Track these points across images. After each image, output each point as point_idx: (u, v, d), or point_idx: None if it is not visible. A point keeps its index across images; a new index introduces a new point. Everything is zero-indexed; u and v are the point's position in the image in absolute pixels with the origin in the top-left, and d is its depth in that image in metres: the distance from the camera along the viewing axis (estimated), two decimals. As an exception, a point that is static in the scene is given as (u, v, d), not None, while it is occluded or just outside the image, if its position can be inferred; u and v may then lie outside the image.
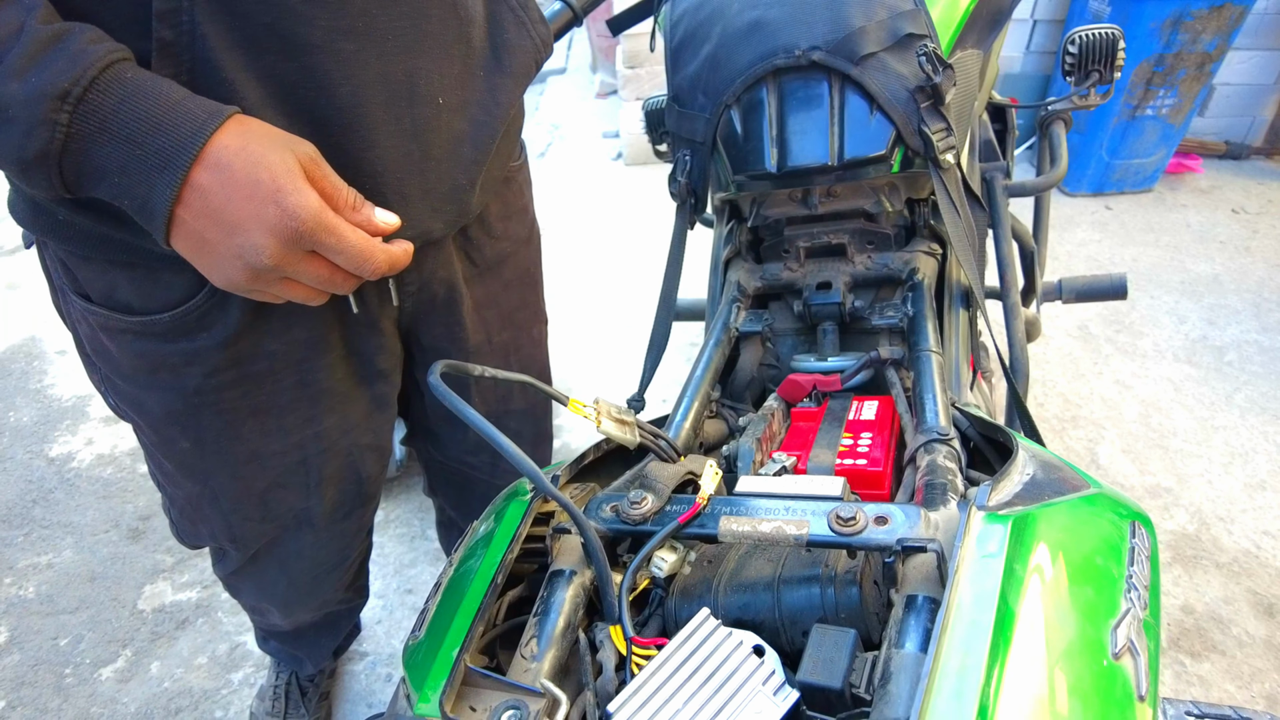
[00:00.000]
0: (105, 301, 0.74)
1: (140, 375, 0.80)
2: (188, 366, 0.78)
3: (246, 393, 0.82)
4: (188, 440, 0.85)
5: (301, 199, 0.57)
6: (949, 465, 0.70)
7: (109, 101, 0.53)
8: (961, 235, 0.93)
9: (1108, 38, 1.37)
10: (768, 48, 0.95)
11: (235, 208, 0.56)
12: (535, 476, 0.52)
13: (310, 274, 0.61)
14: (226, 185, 0.56)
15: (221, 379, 0.79)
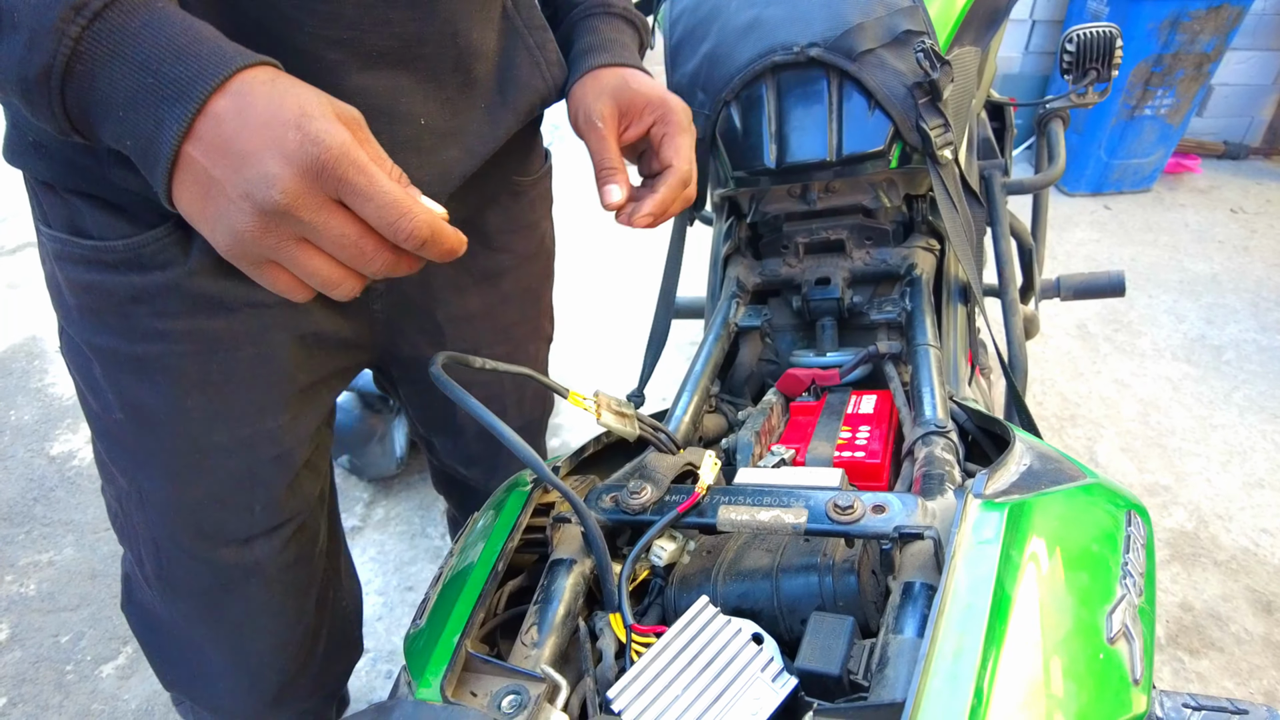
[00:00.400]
0: (65, 227, 0.68)
1: (86, 316, 0.72)
2: (135, 305, 0.69)
3: (199, 355, 0.73)
4: (125, 410, 0.75)
5: (328, 125, 0.47)
6: (946, 457, 0.70)
7: (130, 23, 0.46)
8: (959, 231, 0.94)
9: (1105, 36, 1.37)
10: (766, 45, 0.95)
11: (249, 134, 0.47)
12: (537, 466, 0.53)
13: (332, 230, 0.49)
14: (244, 111, 0.47)
15: (171, 325, 0.71)
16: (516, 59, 0.75)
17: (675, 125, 0.73)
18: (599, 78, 0.76)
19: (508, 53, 0.75)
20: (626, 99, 0.74)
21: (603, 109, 0.74)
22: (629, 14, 0.84)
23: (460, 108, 0.71)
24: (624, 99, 0.75)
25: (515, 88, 0.75)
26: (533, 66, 0.77)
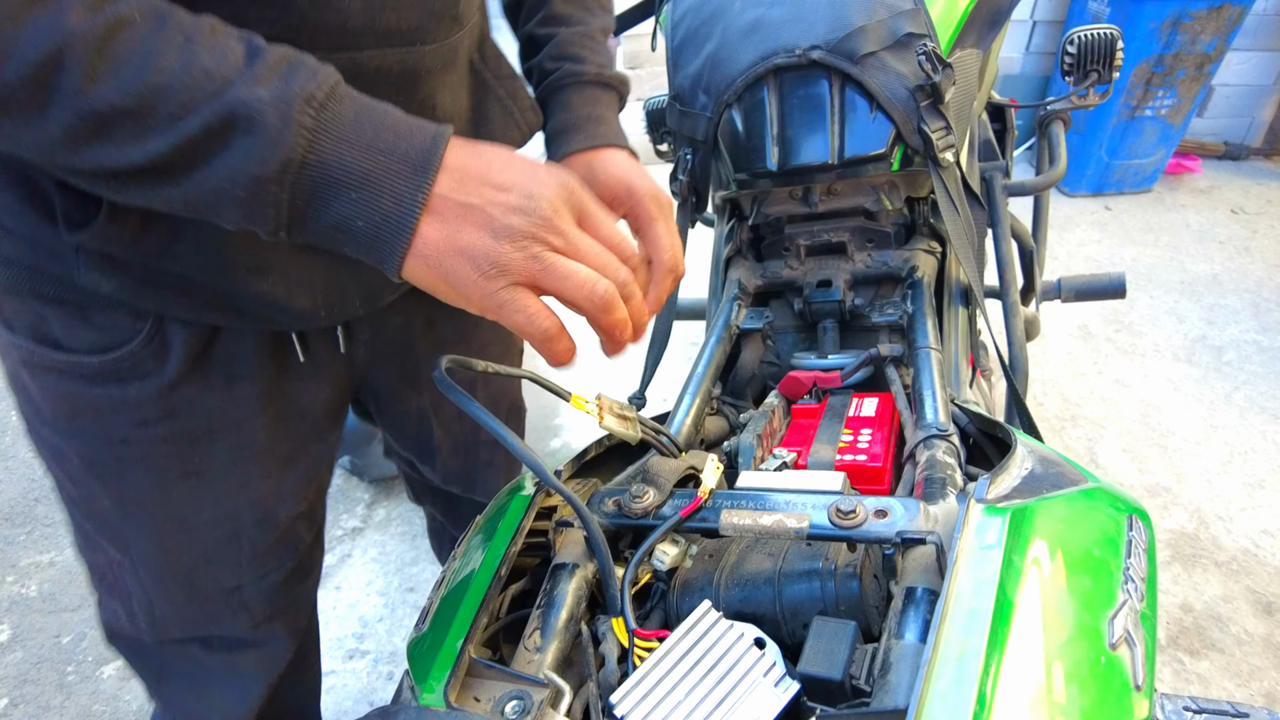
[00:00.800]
0: (31, 334, 0.67)
1: (60, 420, 0.72)
2: (114, 414, 0.70)
3: (179, 451, 0.74)
4: (110, 498, 0.77)
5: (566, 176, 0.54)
6: (948, 460, 0.70)
7: (347, 110, 0.48)
8: (961, 233, 0.94)
9: (1106, 38, 1.37)
10: (768, 47, 0.95)
11: (500, 171, 0.51)
12: (539, 470, 0.53)
13: (585, 241, 0.54)
14: (479, 156, 0.52)
15: (152, 432, 0.72)
16: (489, 113, 0.75)
17: (647, 216, 0.69)
18: (569, 166, 0.75)
19: (480, 109, 0.75)
20: (596, 189, 0.71)
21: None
22: (603, 77, 0.81)
23: None
24: (594, 189, 0.71)
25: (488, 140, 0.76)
26: (505, 117, 0.77)
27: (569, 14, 0.83)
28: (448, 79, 0.69)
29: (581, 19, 0.84)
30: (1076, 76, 1.42)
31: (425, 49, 0.64)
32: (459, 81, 0.72)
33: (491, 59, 0.76)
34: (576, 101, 0.80)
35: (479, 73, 0.75)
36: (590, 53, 0.82)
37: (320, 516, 0.96)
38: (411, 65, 0.64)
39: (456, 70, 0.70)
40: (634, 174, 0.72)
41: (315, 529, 0.94)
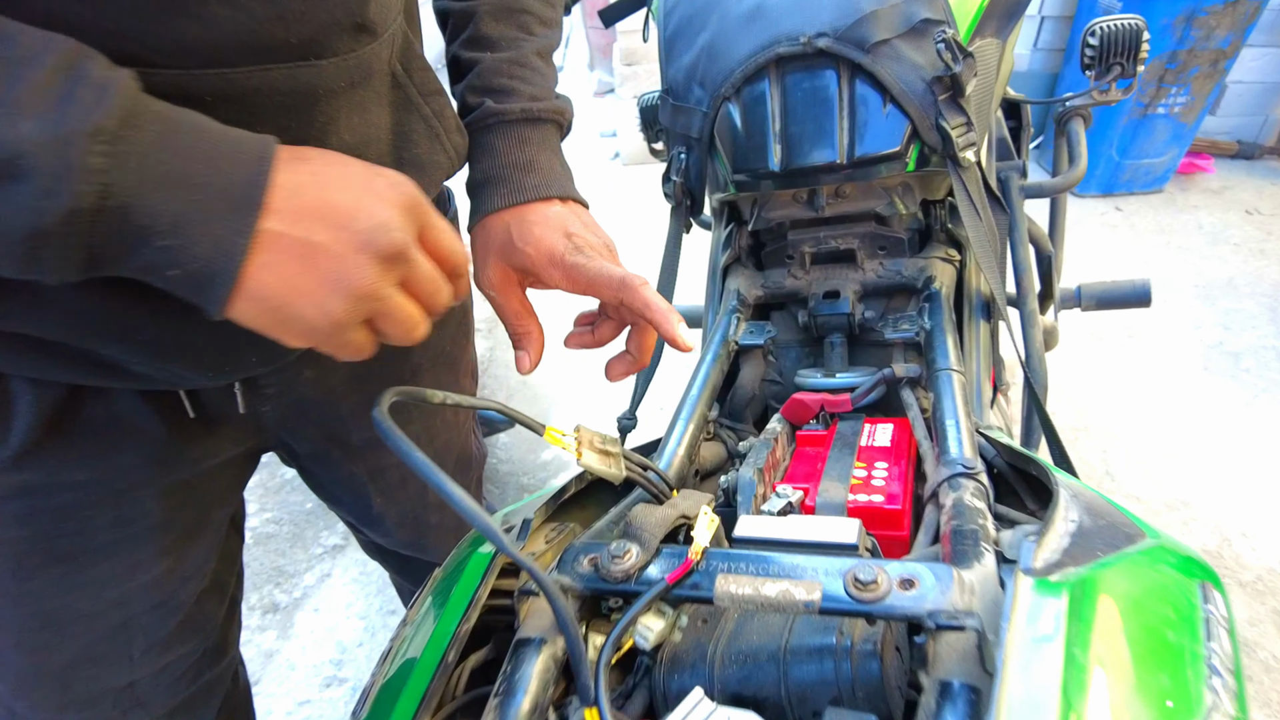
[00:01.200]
0: None
1: None
2: None
3: (39, 535, 0.63)
4: None
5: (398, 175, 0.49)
6: (977, 505, 0.61)
7: (148, 137, 0.39)
8: (983, 239, 0.85)
9: (1131, 29, 1.28)
10: (770, 35, 0.86)
11: (337, 192, 0.45)
12: (493, 536, 0.44)
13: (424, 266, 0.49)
14: (315, 174, 0.45)
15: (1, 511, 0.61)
16: (413, 135, 0.65)
17: (585, 274, 0.62)
18: (487, 231, 0.67)
19: (401, 128, 0.64)
20: (515, 259, 0.65)
21: (491, 275, 0.66)
22: (531, 112, 0.69)
23: None
24: (514, 259, 0.65)
25: (415, 167, 0.65)
26: (432, 140, 0.66)
27: (498, 36, 0.71)
28: (357, 97, 0.58)
29: (513, 41, 0.71)
30: (1098, 70, 1.33)
31: (322, 64, 0.53)
32: (374, 99, 0.60)
33: (418, 72, 0.65)
34: (500, 146, 0.69)
35: (402, 86, 0.63)
36: (519, 83, 0.70)
37: (233, 584, 0.84)
38: (305, 84, 0.52)
39: (371, 86, 0.59)
40: (554, 236, 0.63)
41: (227, 600, 0.83)
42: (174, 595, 0.73)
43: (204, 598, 0.77)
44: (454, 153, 0.68)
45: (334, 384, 0.76)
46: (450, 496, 0.44)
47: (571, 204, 0.68)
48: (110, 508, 0.65)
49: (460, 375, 0.91)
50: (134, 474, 0.65)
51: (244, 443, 0.75)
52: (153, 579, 0.70)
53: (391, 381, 0.78)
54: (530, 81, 0.70)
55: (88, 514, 0.64)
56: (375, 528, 0.94)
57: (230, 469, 0.76)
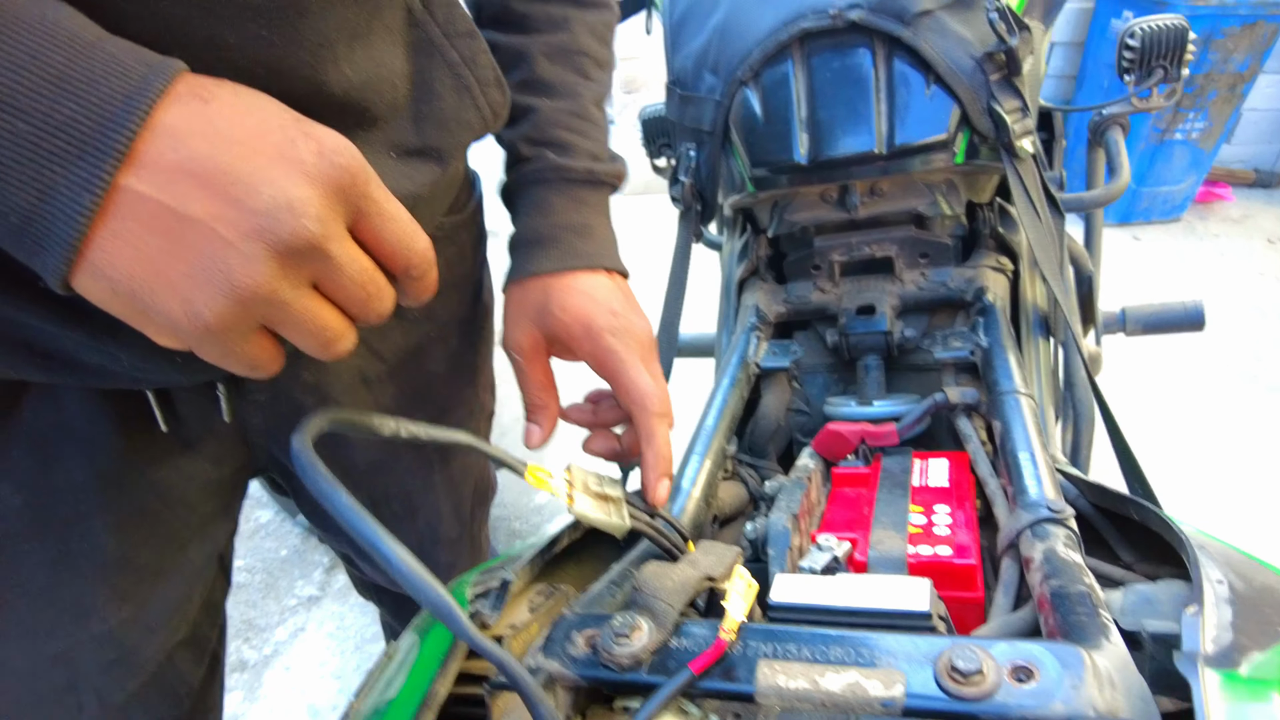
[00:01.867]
0: None
1: None
2: None
3: None
4: None
5: (335, 137, 0.36)
6: (1073, 558, 0.48)
7: None
8: (1046, 244, 0.73)
9: (1176, 29, 1.18)
10: (793, 9, 0.75)
11: (239, 149, 0.33)
12: (450, 617, 0.31)
13: (354, 264, 0.37)
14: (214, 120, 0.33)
15: None
16: (435, 83, 0.53)
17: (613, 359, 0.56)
18: (525, 291, 0.60)
19: (422, 75, 0.52)
20: (550, 326, 0.59)
21: (521, 339, 0.60)
22: (595, 174, 0.63)
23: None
24: (548, 325, 0.59)
25: (436, 123, 0.53)
26: (459, 92, 0.54)
27: (556, 81, 0.63)
28: (360, 21, 0.45)
29: (571, 88, 0.64)
30: (1138, 75, 1.22)
31: None
32: (384, 33, 0.48)
33: (441, 8, 0.52)
34: (557, 205, 0.62)
35: (422, 25, 0.51)
36: (579, 137, 0.63)
37: (215, 640, 0.70)
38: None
39: (378, 15, 0.47)
40: (597, 309, 0.58)
41: (207, 659, 0.68)
42: (135, 651, 0.59)
43: (176, 655, 0.63)
44: (489, 111, 0.56)
45: (335, 392, 0.64)
46: (390, 558, 0.32)
47: (617, 277, 0.62)
48: (51, 540, 0.53)
49: (480, 389, 0.80)
50: (83, 498, 0.53)
51: (228, 462, 0.62)
52: (106, 630, 0.57)
53: (407, 387, 0.67)
54: (590, 136, 0.64)
55: (22, 547, 0.52)
56: (371, 561, 0.81)
57: (211, 495, 0.63)
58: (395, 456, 0.71)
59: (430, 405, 0.71)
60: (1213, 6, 2.57)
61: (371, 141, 0.49)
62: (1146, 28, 1.19)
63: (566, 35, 0.64)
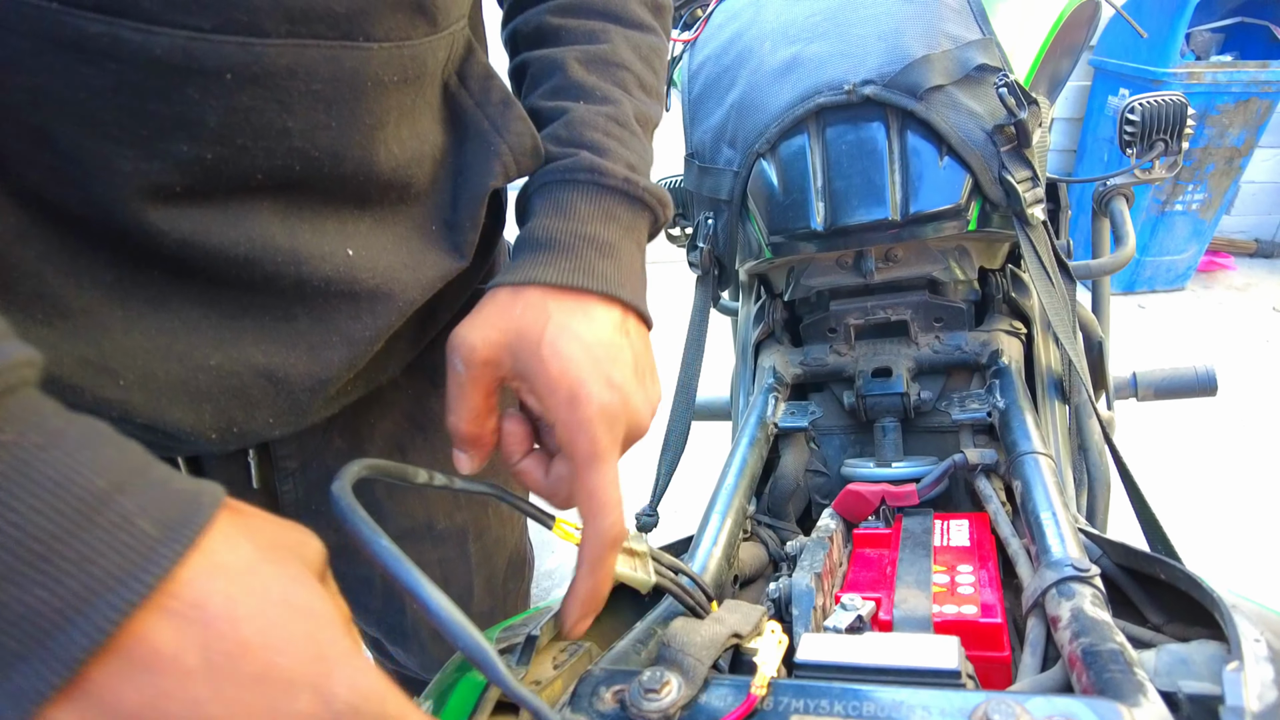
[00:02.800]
0: None
1: None
2: None
3: None
4: None
5: (356, 679, 0.27)
6: (1102, 617, 0.48)
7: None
8: (1059, 308, 0.74)
9: (1175, 104, 1.22)
10: (809, 85, 0.78)
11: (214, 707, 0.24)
12: (484, 660, 0.31)
13: None
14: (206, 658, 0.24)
15: None
16: (468, 154, 0.52)
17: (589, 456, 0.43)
18: (513, 301, 0.47)
19: (457, 147, 0.52)
20: (527, 366, 0.45)
21: (477, 346, 0.45)
22: (633, 186, 0.52)
23: (401, 233, 0.49)
24: (524, 362, 0.45)
25: (470, 195, 0.52)
26: (489, 159, 0.51)
27: (591, 85, 0.55)
28: (409, 101, 0.46)
29: (610, 96, 0.55)
30: (1140, 148, 1.26)
31: (372, 48, 0.42)
32: (426, 110, 0.49)
33: (476, 79, 0.52)
34: (582, 210, 0.51)
35: (457, 99, 0.52)
36: (617, 144, 0.53)
37: None
38: (350, 71, 0.41)
39: (423, 93, 0.48)
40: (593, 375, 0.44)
41: None
42: None
43: None
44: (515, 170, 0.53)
45: (369, 455, 0.61)
46: (428, 602, 0.32)
47: (633, 323, 0.50)
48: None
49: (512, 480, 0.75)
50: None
51: None
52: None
53: (436, 460, 0.62)
54: (630, 147, 0.54)
55: None
56: (404, 644, 0.77)
57: None
58: (429, 525, 0.69)
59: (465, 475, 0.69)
60: (1206, 84, 2.65)
61: (415, 216, 0.50)
62: (1147, 103, 1.24)
63: (605, 47, 0.57)
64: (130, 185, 0.38)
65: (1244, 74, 2.63)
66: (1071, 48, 1.00)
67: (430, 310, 0.57)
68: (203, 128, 0.38)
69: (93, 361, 0.40)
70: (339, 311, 0.47)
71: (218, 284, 0.43)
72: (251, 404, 0.46)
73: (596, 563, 0.43)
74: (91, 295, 0.40)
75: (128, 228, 0.39)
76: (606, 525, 0.43)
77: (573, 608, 0.44)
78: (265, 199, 0.43)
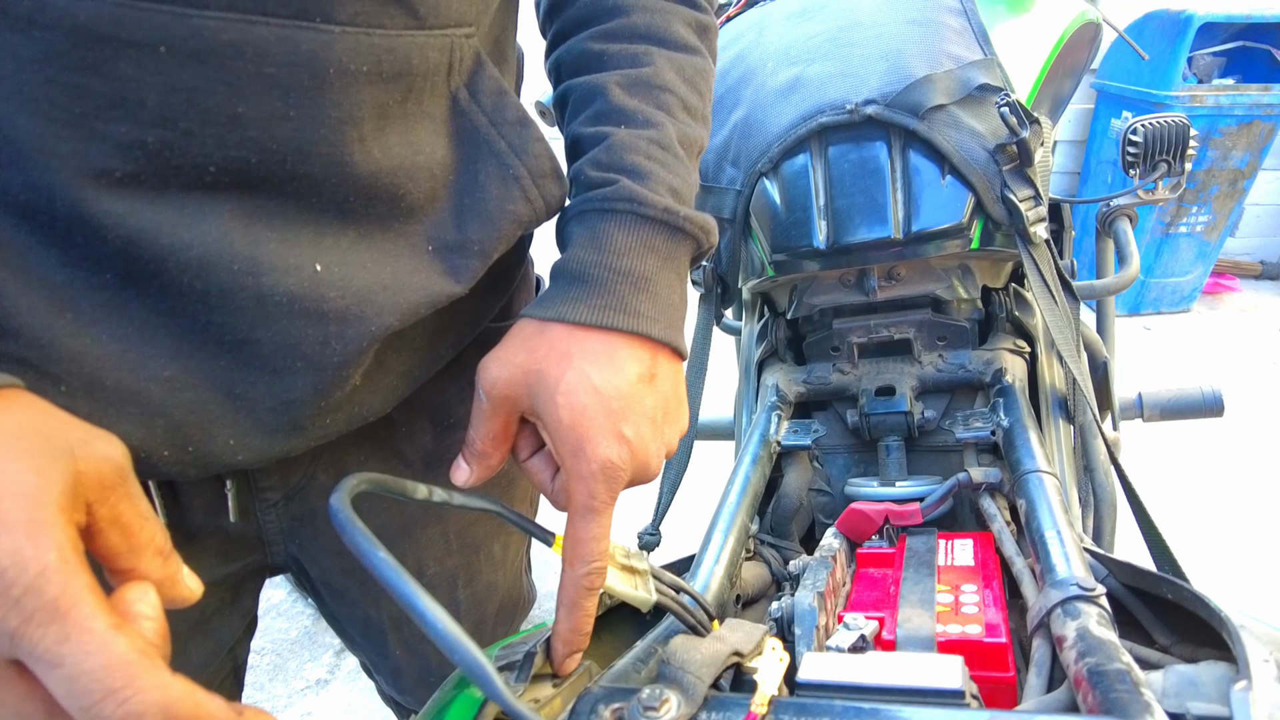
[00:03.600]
0: None
1: None
2: None
3: None
4: None
5: (21, 544, 0.28)
6: (1107, 637, 0.48)
7: None
8: (1063, 326, 0.74)
9: (1177, 126, 1.22)
10: (812, 105, 0.79)
11: None
12: (483, 677, 0.31)
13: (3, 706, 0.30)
14: None
15: None
16: (479, 174, 0.50)
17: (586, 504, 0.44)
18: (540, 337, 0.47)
19: (466, 165, 0.50)
20: (543, 408, 0.46)
21: (499, 381, 0.46)
22: (678, 217, 0.50)
23: (387, 250, 0.47)
24: (541, 403, 0.46)
25: (479, 216, 0.50)
26: (505, 182, 0.50)
27: (633, 109, 0.53)
28: (393, 103, 0.44)
29: (653, 119, 0.53)
30: (1143, 169, 1.26)
31: (333, 31, 0.39)
32: (424, 120, 0.47)
33: (489, 95, 0.50)
34: (618, 241, 0.49)
35: (466, 114, 0.49)
36: (660, 168, 0.51)
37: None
38: (306, 55, 0.39)
39: (417, 98, 0.46)
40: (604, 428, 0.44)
41: None
42: None
43: None
44: (540, 203, 0.52)
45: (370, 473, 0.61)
46: (426, 619, 0.32)
47: (663, 360, 0.50)
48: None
49: (515, 500, 0.73)
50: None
51: (238, 559, 0.59)
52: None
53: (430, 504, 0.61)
54: (673, 171, 0.52)
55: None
56: (393, 680, 0.76)
57: (215, 592, 0.58)
58: (419, 571, 0.67)
59: (453, 520, 0.68)
60: (1209, 107, 2.66)
61: (408, 234, 0.48)
62: (1149, 124, 1.24)
63: (648, 70, 0.55)
64: (69, 168, 0.36)
65: (1246, 97, 2.64)
66: (1073, 69, 1.00)
67: (429, 343, 0.55)
68: (141, 107, 0.36)
69: (33, 364, 0.38)
70: (303, 334, 0.44)
71: (173, 293, 0.40)
72: (209, 421, 0.44)
73: (573, 605, 0.44)
74: (38, 294, 0.38)
75: (72, 218, 0.37)
76: (583, 574, 0.44)
77: (557, 646, 0.45)
78: (226, 199, 0.40)
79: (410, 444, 0.62)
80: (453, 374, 0.60)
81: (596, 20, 0.56)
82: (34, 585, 0.27)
